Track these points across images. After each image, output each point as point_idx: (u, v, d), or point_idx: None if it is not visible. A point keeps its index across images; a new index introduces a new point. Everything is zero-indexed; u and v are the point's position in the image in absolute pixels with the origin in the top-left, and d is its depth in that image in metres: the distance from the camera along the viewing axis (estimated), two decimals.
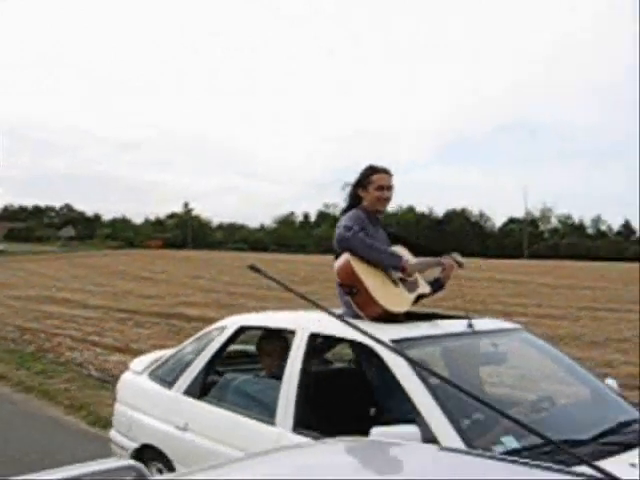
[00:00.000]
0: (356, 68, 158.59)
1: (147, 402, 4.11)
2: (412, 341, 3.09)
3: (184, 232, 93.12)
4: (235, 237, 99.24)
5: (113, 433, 4.37)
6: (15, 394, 7.59)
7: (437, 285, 3.75)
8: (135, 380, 4.36)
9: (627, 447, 2.81)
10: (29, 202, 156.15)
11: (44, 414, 6.75)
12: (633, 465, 2.61)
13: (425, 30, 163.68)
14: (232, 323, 3.92)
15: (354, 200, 3.65)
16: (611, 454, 2.71)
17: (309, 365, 3.34)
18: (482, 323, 3.54)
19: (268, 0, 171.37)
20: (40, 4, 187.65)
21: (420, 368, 2.70)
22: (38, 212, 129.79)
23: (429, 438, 2.63)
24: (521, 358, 4.04)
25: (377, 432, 2.64)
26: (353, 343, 3.36)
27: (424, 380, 2.81)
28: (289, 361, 3.34)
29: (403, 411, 2.86)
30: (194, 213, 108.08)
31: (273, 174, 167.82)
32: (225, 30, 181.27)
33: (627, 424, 3.07)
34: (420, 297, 3.58)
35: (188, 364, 3.95)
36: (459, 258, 3.71)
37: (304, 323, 3.43)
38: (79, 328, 12.67)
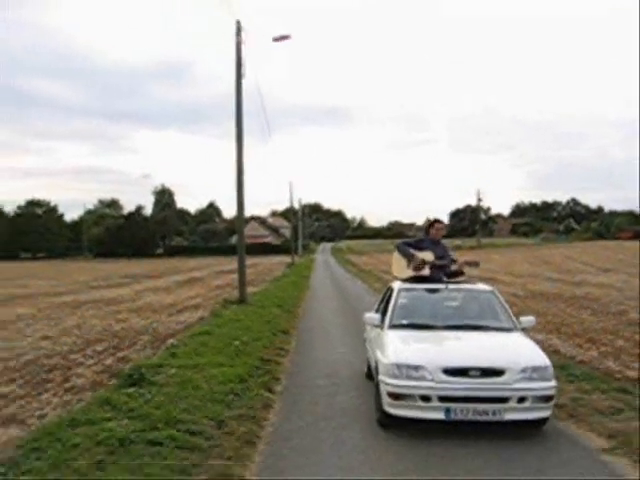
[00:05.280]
0: None
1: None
2: (409, 289, 7.40)
3: None
4: None
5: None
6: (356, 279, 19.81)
7: (453, 273, 7.69)
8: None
9: (454, 329, 6.55)
10: (539, 198, 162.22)
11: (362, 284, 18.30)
12: (425, 338, 6.36)
13: None
14: (388, 284, 8.50)
15: (426, 231, 8.02)
16: (435, 330, 6.53)
17: (398, 298, 7.36)
18: (463, 285, 7.46)
19: None
20: None
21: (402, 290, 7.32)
22: (547, 207, 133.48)
23: (382, 319, 7.00)
24: (472, 300, 7.31)
25: (367, 315, 7.39)
26: (395, 287, 7.62)
27: (396, 300, 7.19)
28: (392, 296, 7.48)
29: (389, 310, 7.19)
30: None
31: None
32: None
33: (486, 327, 6.61)
34: (421, 277, 7.53)
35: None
36: (472, 262, 7.76)
37: (394, 285, 7.75)
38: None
